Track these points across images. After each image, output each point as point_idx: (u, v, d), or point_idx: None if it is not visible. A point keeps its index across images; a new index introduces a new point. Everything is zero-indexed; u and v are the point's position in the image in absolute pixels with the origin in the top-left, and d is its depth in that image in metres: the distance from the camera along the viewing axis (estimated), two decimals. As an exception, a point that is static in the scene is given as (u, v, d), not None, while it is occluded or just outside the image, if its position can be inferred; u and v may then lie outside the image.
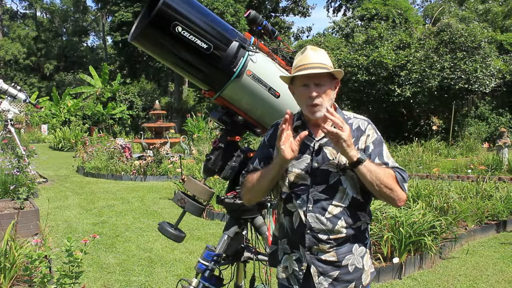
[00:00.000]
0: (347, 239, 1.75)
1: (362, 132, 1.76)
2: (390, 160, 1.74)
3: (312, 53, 1.74)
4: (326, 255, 1.75)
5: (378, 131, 1.80)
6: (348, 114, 1.83)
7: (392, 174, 1.69)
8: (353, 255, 1.76)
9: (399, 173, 1.70)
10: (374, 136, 1.76)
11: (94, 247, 4.71)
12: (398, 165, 1.74)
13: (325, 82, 1.72)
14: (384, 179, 1.64)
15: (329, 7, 31.81)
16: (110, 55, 38.77)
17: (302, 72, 1.71)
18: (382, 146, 1.76)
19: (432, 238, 4.19)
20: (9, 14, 46.10)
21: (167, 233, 2.07)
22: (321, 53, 1.76)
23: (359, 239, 1.78)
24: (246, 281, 2.45)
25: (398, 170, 1.71)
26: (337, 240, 1.74)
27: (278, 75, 2.10)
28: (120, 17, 22.44)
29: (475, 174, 7.21)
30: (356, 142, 1.73)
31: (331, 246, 1.74)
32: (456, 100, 13.76)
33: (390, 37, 14.73)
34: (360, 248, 1.78)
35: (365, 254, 1.80)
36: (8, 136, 9.29)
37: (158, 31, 1.91)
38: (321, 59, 1.73)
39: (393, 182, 1.67)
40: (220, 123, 2.20)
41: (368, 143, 1.74)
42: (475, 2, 24.37)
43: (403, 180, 1.70)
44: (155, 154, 9.66)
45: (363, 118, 1.82)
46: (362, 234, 1.79)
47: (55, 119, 20.83)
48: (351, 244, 1.76)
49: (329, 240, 1.73)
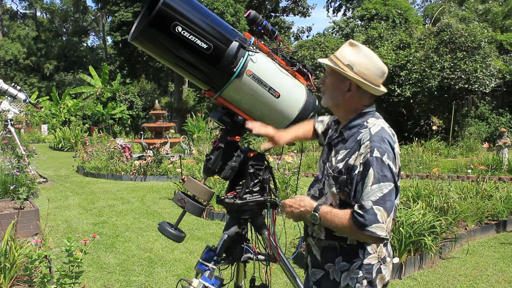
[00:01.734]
0: (333, 247, 1.71)
1: (358, 147, 1.62)
2: (366, 191, 1.54)
3: (345, 46, 1.75)
4: (315, 252, 1.79)
5: (379, 150, 1.58)
6: (370, 122, 1.68)
7: (346, 223, 1.57)
8: (334, 266, 1.72)
9: (354, 217, 1.55)
10: (366, 157, 1.58)
11: (94, 247, 4.71)
12: (367, 202, 1.53)
13: (331, 76, 1.74)
14: (342, 229, 1.62)
15: (329, 7, 31.85)
16: (110, 55, 38.77)
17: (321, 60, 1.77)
18: (368, 170, 1.55)
19: (432, 238, 4.19)
20: (9, 14, 46.11)
21: (167, 233, 2.07)
22: (353, 49, 1.71)
23: (345, 254, 1.70)
24: (246, 281, 2.45)
25: (356, 213, 1.54)
26: (320, 241, 1.75)
27: (278, 75, 2.10)
28: (120, 17, 22.42)
29: (475, 174, 7.21)
30: (350, 155, 1.65)
31: (317, 244, 1.77)
32: (456, 100, 13.76)
33: (390, 37, 14.74)
34: (343, 263, 1.70)
35: (345, 271, 1.69)
36: (8, 136, 9.29)
37: (158, 31, 1.91)
38: (343, 54, 1.72)
39: (350, 231, 1.58)
40: (220, 123, 2.19)
41: (358, 163, 1.60)
42: (475, 2, 24.38)
43: (358, 227, 1.54)
44: (155, 154, 9.66)
45: (372, 132, 1.64)
46: (350, 249, 1.69)
47: (55, 119, 20.82)
48: (336, 255, 1.71)
49: (313, 236, 1.77)
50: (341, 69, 1.68)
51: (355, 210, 1.56)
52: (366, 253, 1.70)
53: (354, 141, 1.66)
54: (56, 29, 45.34)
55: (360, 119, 1.70)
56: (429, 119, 14.20)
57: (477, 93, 14.64)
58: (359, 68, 1.66)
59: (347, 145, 1.68)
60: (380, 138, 1.61)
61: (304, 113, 2.13)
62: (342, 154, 1.68)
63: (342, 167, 1.65)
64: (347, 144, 1.69)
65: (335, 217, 1.59)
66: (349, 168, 1.61)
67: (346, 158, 1.65)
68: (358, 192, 1.58)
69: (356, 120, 1.71)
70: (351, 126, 1.71)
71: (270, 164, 2.23)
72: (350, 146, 1.67)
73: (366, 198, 1.54)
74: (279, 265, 2.23)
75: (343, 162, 1.66)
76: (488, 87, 13.33)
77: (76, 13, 45.97)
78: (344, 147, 1.69)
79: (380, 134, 1.63)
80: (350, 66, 1.67)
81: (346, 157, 1.65)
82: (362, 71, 1.67)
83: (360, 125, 1.68)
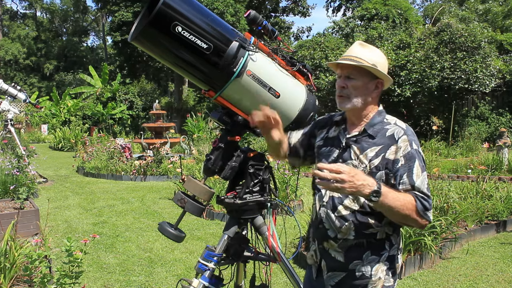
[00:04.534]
0: (359, 244, 1.70)
1: (394, 142, 1.66)
2: (419, 180, 1.62)
3: (357, 47, 1.74)
4: (335, 254, 1.74)
5: (416, 143, 1.67)
6: (389, 119, 1.76)
7: (412, 203, 1.58)
8: (363, 262, 1.70)
9: (420, 201, 1.59)
10: (406, 150, 1.64)
11: (94, 247, 4.71)
12: (424, 189, 1.62)
13: (356, 76, 1.71)
14: (401, 211, 1.56)
15: (328, 7, 31.86)
16: (110, 55, 38.76)
17: (336, 61, 1.75)
18: (414, 162, 1.63)
19: (432, 238, 4.19)
20: (9, 14, 46.10)
21: (167, 233, 2.07)
22: (368, 49, 1.73)
23: (374, 248, 1.71)
24: (246, 281, 2.45)
25: (420, 197, 1.60)
26: (346, 241, 1.71)
27: (278, 75, 2.10)
28: (120, 17, 22.42)
29: (475, 174, 7.21)
30: (384, 150, 1.66)
31: (340, 246, 1.72)
32: (456, 100, 13.76)
33: (390, 37, 14.74)
34: (372, 257, 1.70)
35: (377, 264, 1.70)
36: (8, 136, 9.29)
37: (158, 31, 1.90)
38: (363, 54, 1.71)
39: (412, 212, 1.57)
40: (220, 123, 2.19)
41: (399, 157, 1.64)
42: (475, 2, 24.38)
43: (424, 209, 1.59)
44: (155, 154, 9.66)
45: (402, 126, 1.71)
46: (379, 243, 1.71)
47: (55, 119, 20.82)
48: (364, 251, 1.70)
49: (337, 239, 1.71)
50: (377, 68, 1.70)
51: (419, 194, 1.60)
52: (391, 245, 1.74)
53: (384, 137, 1.69)
54: (56, 29, 45.34)
55: (379, 116, 1.75)
56: (429, 119, 14.20)
57: (477, 93, 14.64)
58: (383, 66, 1.72)
59: (377, 141, 1.69)
60: (412, 132, 1.70)
61: (304, 113, 2.13)
62: (373, 151, 1.68)
63: (378, 163, 1.66)
64: (377, 140, 1.70)
65: (398, 197, 1.56)
66: (389, 162, 1.65)
67: (382, 154, 1.66)
68: (406, 183, 1.62)
69: (376, 117, 1.75)
70: (373, 123, 1.74)
71: (270, 164, 2.23)
72: (381, 142, 1.68)
73: (423, 186, 1.61)
74: (279, 265, 2.23)
75: (379, 157, 1.66)
76: (488, 87, 13.34)
77: (76, 13, 45.97)
78: (373, 143, 1.70)
79: (409, 128, 1.72)
80: (375, 65, 1.70)
81: (382, 152, 1.66)
82: (384, 68, 1.73)
83: (382, 122, 1.73)
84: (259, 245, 2.30)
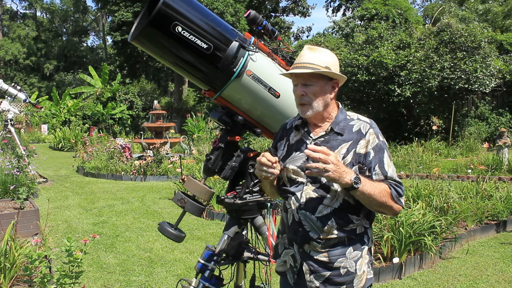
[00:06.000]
0: (341, 241, 1.73)
1: (362, 136, 1.73)
2: (390, 169, 1.72)
3: (307, 53, 1.74)
4: (318, 255, 1.75)
5: (381, 135, 1.77)
6: (351, 115, 1.82)
7: (387, 191, 1.68)
8: (346, 258, 1.74)
9: (394, 188, 1.70)
10: (375, 142, 1.73)
11: (94, 247, 4.71)
12: (395, 177, 1.73)
13: (313, 82, 1.72)
14: (379, 199, 1.66)
15: (328, 7, 31.84)
16: (110, 55, 38.74)
17: (290, 71, 1.75)
18: (383, 153, 1.73)
19: (432, 238, 4.19)
20: (9, 14, 46.12)
21: (167, 233, 2.07)
22: (318, 53, 1.74)
23: (354, 243, 1.75)
24: (246, 281, 2.45)
25: (394, 185, 1.71)
26: (329, 241, 1.73)
27: (278, 75, 2.10)
28: (120, 17, 22.41)
29: (475, 174, 7.21)
30: (354, 145, 1.72)
31: (323, 246, 1.73)
32: (456, 100, 13.75)
33: (390, 37, 14.72)
34: (355, 252, 1.75)
35: (360, 259, 1.76)
36: (8, 136, 9.29)
37: (158, 31, 1.91)
38: (314, 59, 1.71)
39: (388, 199, 1.68)
40: (220, 123, 2.20)
41: (369, 149, 1.72)
42: (475, 2, 24.38)
43: (399, 195, 1.70)
44: (155, 154, 9.66)
45: (367, 121, 1.79)
46: (358, 237, 1.76)
47: (55, 119, 20.81)
48: (345, 247, 1.74)
49: (319, 239, 1.72)
50: (331, 71, 1.72)
51: (392, 182, 1.71)
52: (368, 238, 1.81)
53: (352, 132, 1.74)
54: (56, 29, 45.34)
55: (342, 114, 1.81)
56: (429, 119, 14.19)
57: (477, 93, 14.63)
58: (335, 66, 1.75)
59: (346, 137, 1.74)
60: (376, 125, 1.79)
61: (304, 113, 2.12)
62: (344, 148, 1.72)
63: (351, 159, 1.71)
64: (345, 136, 1.74)
65: (374, 184, 1.66)
66: (361, 156, 1.71)
67: (353, 149, 1.71)
68: (379, 173, 1.71)
69: (340, 115, 1.80)
70: (338, 121, 1.78)
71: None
72: (350, 137, 1.73)
73: (394, 174, 1.73)
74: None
75: (350, 153, 1.71)
76: (488, 87, 13.32)
77: (76, 13, 45.97)
78: (342, 140, 1.74)
79: (373, 121, 1.81)
80: (329, 67, 1.72)
81: (352, 147, 1.71)
82: (337, 68, 1.77)
83: (345, 119, 1.79)
84: (259, 245, 2.30)
